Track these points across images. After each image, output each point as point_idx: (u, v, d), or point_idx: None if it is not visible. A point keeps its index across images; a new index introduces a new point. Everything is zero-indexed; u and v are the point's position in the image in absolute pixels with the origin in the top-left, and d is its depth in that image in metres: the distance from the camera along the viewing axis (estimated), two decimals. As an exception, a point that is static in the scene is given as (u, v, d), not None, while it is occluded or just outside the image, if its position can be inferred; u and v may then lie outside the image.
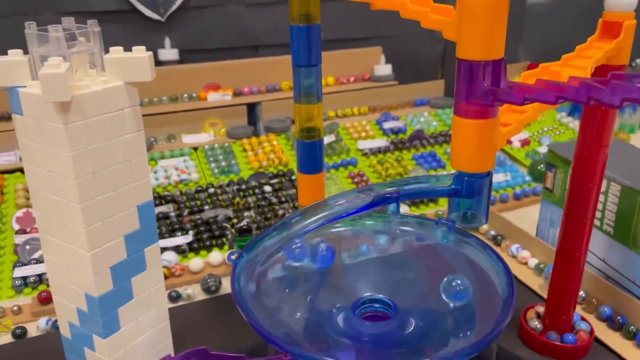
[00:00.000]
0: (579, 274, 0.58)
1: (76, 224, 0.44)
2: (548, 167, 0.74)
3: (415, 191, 0.40)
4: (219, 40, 1.24)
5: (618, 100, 0.26)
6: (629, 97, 0.26)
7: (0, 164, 0.95)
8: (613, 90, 0.26)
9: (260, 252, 0.38)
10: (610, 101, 0.26)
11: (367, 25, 1.36)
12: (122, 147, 0.45)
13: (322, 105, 0.57)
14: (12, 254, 0.79)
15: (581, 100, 0.28)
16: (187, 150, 1.03)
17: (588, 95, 0.28)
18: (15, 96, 0.42)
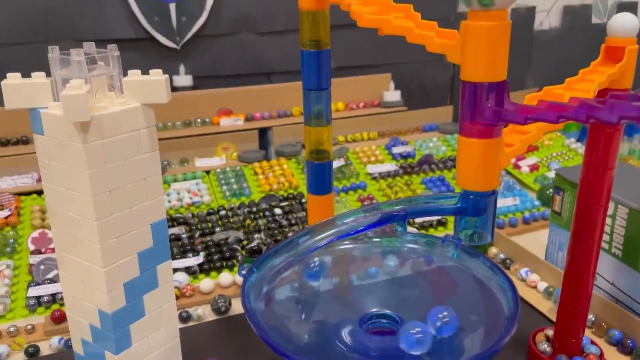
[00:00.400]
0: (587, 297, 0.58)
1: (92, 241, 0.45)
2: (556, 190, 0.74)
3: (421, 209, 0.41)
4: (232, 68, 1.27)
5: (616, 118, 0.27)
6: (626, 115, 0.27)
7: (17, 186, 0.97)
8: (611, 108, 0.27)
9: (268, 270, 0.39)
10: (608, 119, 0.27)
11: (376, 52, 1.39)
12: (137, 166, 0.46)
13: (331, 128, 0.58)
14: (27, 274, 0.80)
15: (581, 119, 0.29)
16: (200, 173, 1.05)
17: (587, 114, 0.29)
18: (37, 117, 0.44)
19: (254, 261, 0.75)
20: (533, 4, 1.55)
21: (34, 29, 1.05)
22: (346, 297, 0.37)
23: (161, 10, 1.16)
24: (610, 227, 0.66)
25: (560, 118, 0.31)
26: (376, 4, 0.46)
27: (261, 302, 0.35)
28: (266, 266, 0.38)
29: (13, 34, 1.05)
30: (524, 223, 0.96)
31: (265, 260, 0.38)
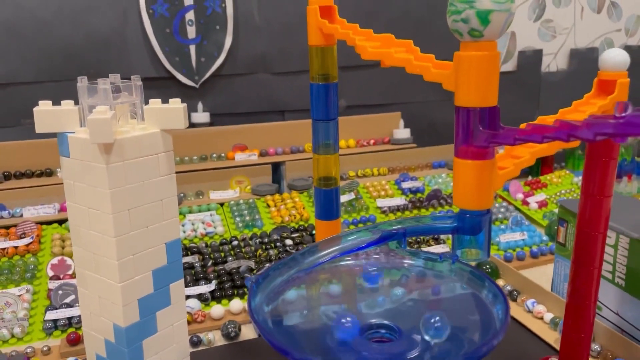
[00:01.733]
0: (590, 324, 0.58)
1: (110, 257, 0.48)
2: (560, 222, 0.76)
3: (420, 229, 0.43)
4: (247, 105, 1.32)
5: (592, 134, 0.30)
6: (601, 132, 0.29)
7: (40, 216, 1.01)
8: (588, 126, 0.30)
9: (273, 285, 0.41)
10: (586, 136, 0.30)
11: (387, 92, 1.44)
12: (155, 187, 0.49)
13: (338, 156, 0.61)
14: (45, 299, 0.83)
15: (562, 137, 0.32)
16: (214, 205, 1.08)
17: (568, 133, 0.32)
18: (64, 141, 0.48)
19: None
20: (540, 47, 1.60)
21: (61, 68, 1.11)
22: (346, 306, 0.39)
23: (182, 52, 1.23)
24: (612, 257, 0.67)
25: (545, 138, 0.34)
26: (379, 40, 0.50)
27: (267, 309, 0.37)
28: (271, 276, 0.40)
29: (42, 72, 1.11)
30: (531, 257, 0.97)
31: (270, 271, 0.41)
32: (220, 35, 1.24)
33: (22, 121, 1.16)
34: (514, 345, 0.71)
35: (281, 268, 0.41)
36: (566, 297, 0.59)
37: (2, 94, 1.14)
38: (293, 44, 1.30)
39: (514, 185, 1.22)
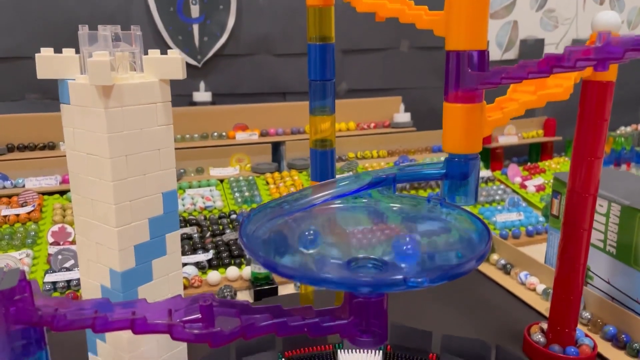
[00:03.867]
0: (579, 286, 0.59)
1: (107, 202, 0.49)
2: (554, 194, 0.77)
3: (410, 174, 0.44)
4: (249, 86, 1.33)
5: (573, 62, 0.31)
6: (581, 58, 0.30)
7: (42, 186, 1.02)
8: (569, 54, 0.31)
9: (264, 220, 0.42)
10: (567, 64, 0.31)
11: (388, 77, 1.44)
12: (152, 136, 0.50)
13: (335, 118, 0.62)
14: (45, 264, 0.84)
15: (545, 69, 0.33)
16: (214, 181, 1.09)
17: (551, 65, 0.33)
18: (65, 87, 0.49)
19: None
20: (542, 37, 1.60)
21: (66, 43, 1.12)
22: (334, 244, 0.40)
23: (185, 31, 1.24)
24: (604, 226, 0.68)
25: (530, 73, 0.35)
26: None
27: (257, 238, 0.38)
28: (263, 213, 0.41)
29: (44, 41, 1.12)
30: (527, 235, 0.98)
31: (262, 208, 0.42)
32: (224, 15, 1.25)
33: (26, 95, 1.18)
34: (505, 313, 0.72)
35: (273, 207, 0.42)
36: (556, 258, 0.60)
37: (7, 67, 1.15)
38: (296, 26, 1.31)
39: (512, 169, 1.23)
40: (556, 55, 0.31)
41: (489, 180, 1.19)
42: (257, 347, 0.58)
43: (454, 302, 0.74)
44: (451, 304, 0.74)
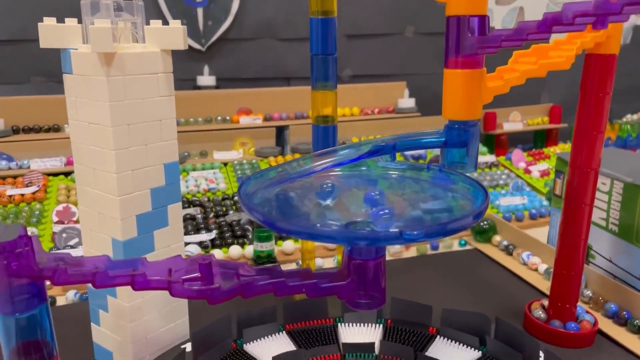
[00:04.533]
0: (580, 261, 0.59)
1: (109, 171, 0.49)
2: (557, 174, 0.77)
3: (409, 142, 0.44)
4: (253, 71, 1.34)
5: (571, 17, 0.30)
6: (579, 12, 0.30)
7: (47, 168, 1.03)
8: (567, 11, 0.31)
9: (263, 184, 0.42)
10: (566, 20, 0.31)
11: (393, 63, 1.44)
12: (154, 106, 0.51)
13: (336, 93, 0.62)
14: (49, 242, 0.85)
15: (544, 29, 0.33)
16: (217, 164, 1.10)
17: (549, 24, 0.33)
18: (67, 57, 0.49)
19: (263, 233, 0.79)
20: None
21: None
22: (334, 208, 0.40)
23: (189, 14, 1.24)
24: (607, 204, 0.68)
25: (529, 34, 0.35)
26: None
27: (256, 199, 0.39)
28: (264, 177, 0.41)
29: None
30: (530, 218, 0.97)
31: (262, 172, 0.42)
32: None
33: (32, 78, 1.18)
34: (506, 292, 0.72)
35: (272, 172, 0.42)
36: (558, 235, 0.60)
37: (12, 50, 1.16)
38: (300, 10, 1.31)
39: (516, 154, 1.22)
40: (554, 14, 0.31)
41: (493, 165, 1.19)
42: (258, 319, 0.58)
43: (455, 282, 0.75)
44: (452, 283, 0.74)
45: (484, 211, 0.34)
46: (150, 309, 0.54)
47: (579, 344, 0.59)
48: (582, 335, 0.59)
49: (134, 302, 0.52)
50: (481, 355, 0.54)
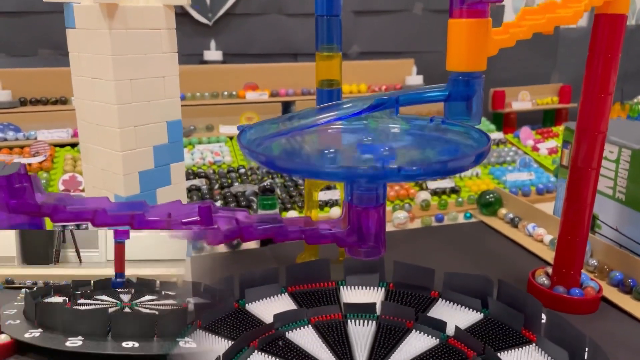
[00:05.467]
0: (585, 227, 0.58)
1: (112, 126, 0.49)
2: (564, 144, 0.76)
3: (412, 96, 0.44)
4: (260, 46, 1.33)
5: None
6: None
7: (54, 139, 1.03)
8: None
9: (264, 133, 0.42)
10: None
11: (401, 40, 1.43)
12: (157, 62, 0.51)
13: (341, 57, 0.62)
14: (55, 209, 0.85)
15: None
16: (223, 138, 1.10)
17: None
18: (70, 11, 0.49)
19: (267, 200, 0.79)
20: (560, 2, 1.57)
21: None
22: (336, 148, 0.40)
23: (196, -12, 1.23)
24: (614, 173, 0.67)
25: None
26: None
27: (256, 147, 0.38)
28: (264, 128, 0.41)
29: (59, 3, 1.13)
30: (537, 193, 0.97)
31: (262, 124, 0.42)
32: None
33: (39, 50, 1.18)
34: (510, 261, 0.71)
35: (273, 123, 0.42)
36: (564, 200, 0.59)
37: (20, 22, 1.16)
38: (308, -15, 1.30)
39: (524, 132, 1.21)
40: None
41: (501, 143, 1.18)
42: (260, 281, 0.58)
43: (459, 252, 0.74)
44: (456, 253, 0.74)
45: (486, 152, 0.33)
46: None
47: (582, 309, 0.59)
48: (586, 301, 0.59)
49: (136, 259, 0.53)
50: (483, 317, 0.54)
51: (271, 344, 0.50)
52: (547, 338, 0.48)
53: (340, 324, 0.53)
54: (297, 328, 0.52)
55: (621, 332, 0.55)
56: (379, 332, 0.51)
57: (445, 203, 0.90)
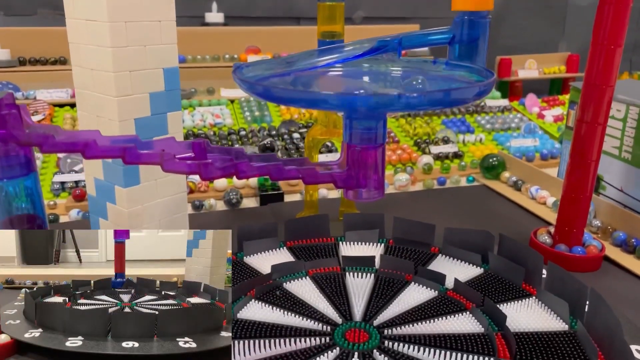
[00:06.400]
0: (590, 183, 0.57)
1: (107, 70, 0.48)
2: (570, 105, 0.74)
3: (415, 38, 0.42)
4: (263, 9, 1.30)
5: None
6: None
7: (53, 99, 1.02)
8: None
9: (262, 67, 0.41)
10: None
11: (406, 5, 1.40)
12: (152, 5, 0.49)
13: (344, 6, 0.60)
14: (55, 167, 0.85)
15: None
16: (224, 101, 1.08)
17: None
18: (64, -50, 0.47)
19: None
20: (570, -31, 1.53)
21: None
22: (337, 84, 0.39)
23: (198, -52, 1.20)
24: (620, 132, 0.65)
25: None
26: None
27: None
28: (263, 67, 0.40)
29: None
30: (541, 159, 0.95)
31: (259, 64, 0.40)
32: None
33: (39, 10, 1.16)
34: (512, 222, 0.71)
35: (270, 64, 0.41)
36: (568, 159, 0.58)
37: (18, -19, 1.14)
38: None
39: (530, 99, 1.19)
40: None
41: (506, 109, 1.16)
42: (259, 234, 0.58)
43: (460, 213, 0.73)
44: (457, 214, 0.73)
45: (489, 87, 0.32)
46: (150, 216, 0.54)
47: (584, 267, 0.58)
48: (588, 259, 0.58)
49: (133, 208, 0.52)
50: (483, 271, 0.53)
51: (269, 293, 0.49)
52: (548, 291, 0.48)
53: (339, 276, 0.52)
54: (294, 279, 0.52)
55: (622, 289, 0.54)
56: (377, 284, 0.51)
57: (447, 167, 0.89)
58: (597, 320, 0.42)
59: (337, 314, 0.46)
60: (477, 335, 0.43)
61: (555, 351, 0.40)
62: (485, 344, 0.41)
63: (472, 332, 0.43)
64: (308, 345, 0.42)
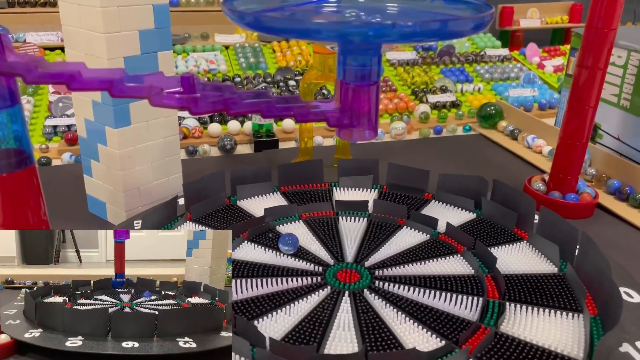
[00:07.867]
0: (586, 130, 0.57)
1: (94, 4, 0.46)
2: (571, 52, 0.73)
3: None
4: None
5: None
6: None
7: (43, 42, 1.00)
8: None
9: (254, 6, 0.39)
10: None
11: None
12: (141, -63, 0.47)
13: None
14: (46, 111, 0.83)
15: None
16: (219, 47, 1.06)
17: None
18: None
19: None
20: None
21: None
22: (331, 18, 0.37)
23: None
24: (620, 79, 0.64)
25: None
26: None
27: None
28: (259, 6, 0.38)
29: None
30: (539, 109, 0.94)
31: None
32: None
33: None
34: (507, 170, 0.70)
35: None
36: (566, 105, 0.57)
37: None
38: None
39: (530, 48, 1.17)
40: None
41: (505, 59, 1.14)
42: (252, 178, 0.57)
43: (456, 161, 0.73)
44: (452, 162, 0.73)
45: (487, 20, 0.31)
46: (141, 158, 0.53)
47: (577, 214, 0.58)
48: (581, 206, 0.58)
49: (124, 149, 0.51)
50: (475, 217, 0.53)
51: (261, 235, 0.49)
52: (540, 235, 0.48)
53: (331, 220, 0.52)
54: (287, 222, 0.52)
55: (614, 235, 0.55)
56: (370, 227, 0.51)
57: (444, 116, 0.88)
58: (586, 262, 0.43)
59: (329, 255, 0.46)
60: (467, 276, 0.43)
61: (544, 292, 0.41)
62: (474, 284, 0.42)
63: (462, 274, 0.44)
64: (300, 284, 0.42)
